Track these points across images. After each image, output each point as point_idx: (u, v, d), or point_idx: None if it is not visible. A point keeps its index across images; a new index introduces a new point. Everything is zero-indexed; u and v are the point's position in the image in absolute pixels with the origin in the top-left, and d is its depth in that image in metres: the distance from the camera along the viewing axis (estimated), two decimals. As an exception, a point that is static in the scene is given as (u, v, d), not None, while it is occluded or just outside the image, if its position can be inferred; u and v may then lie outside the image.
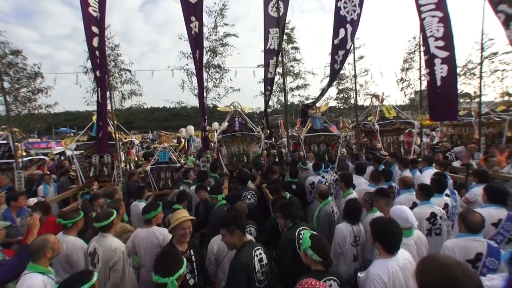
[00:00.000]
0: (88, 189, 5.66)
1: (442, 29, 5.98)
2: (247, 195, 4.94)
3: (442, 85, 5.95)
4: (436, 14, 6.04)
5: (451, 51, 5.95)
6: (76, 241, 3.22)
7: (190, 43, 7.36)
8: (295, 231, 3.02)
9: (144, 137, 25.69)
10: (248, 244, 2.63)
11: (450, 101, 6.12)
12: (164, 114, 66.33)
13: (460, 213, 2.86)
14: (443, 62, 5.95)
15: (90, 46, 5.96)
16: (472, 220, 2.63)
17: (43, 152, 13.22)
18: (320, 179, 5.38)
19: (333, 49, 7.56)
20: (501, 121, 9.36)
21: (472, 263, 2.54)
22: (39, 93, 12.10)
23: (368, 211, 3.68)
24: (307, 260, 2.39)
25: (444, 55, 5.94)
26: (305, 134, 8.22)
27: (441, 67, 5.95)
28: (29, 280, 2.34)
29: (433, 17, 6.06)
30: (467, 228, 2.64)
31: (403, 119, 8.48)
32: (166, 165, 7.66)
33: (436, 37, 6.00)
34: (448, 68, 5.94)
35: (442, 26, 5.98)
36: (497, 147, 7.54)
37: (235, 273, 2.42)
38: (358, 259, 3.32)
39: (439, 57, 5.95)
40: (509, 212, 3.18)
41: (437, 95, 6.10)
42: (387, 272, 2.16)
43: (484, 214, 2.80)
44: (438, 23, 6.02)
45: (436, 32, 6.02)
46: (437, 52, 5.96)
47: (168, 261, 2.17)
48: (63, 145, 8.23)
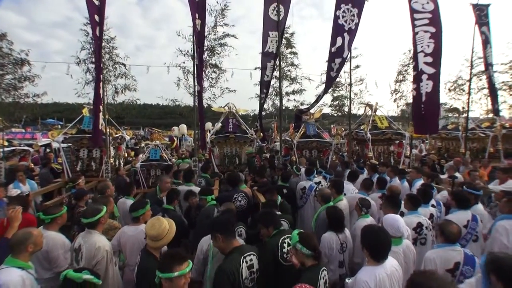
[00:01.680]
0: (74, 184, 5.51)
1: (432, 45, 6.07)
2: (238, 197, 4.90)
3: (426, 100, 6.07)
4: (429, 29, 6.13)
5: (437, 68, 6.06)
6: (56, 236, 3.10)
7: (197, 38, 7.34)
8: (279, 240, 2.96)
9: (136, 134, 25.34)
10: (238, 249, 2.55)
11: (432, 116, 6.27)
12: (156, 111, 65.48)
13: (438, 224, 3.02)
14: (429, 78, 6.06)
15: (94, 36, 5.86)
16: (450, 231, 2.75)
17: (28, 143, 12.88)
18: (312, 185, 5.39)
19: (330, 56, 7.62)
20: (485, 136, 9.68)
21: (451, 272, 2.67)
22: (25, 81, 11.75)
23: (359, 216, 3.72)
24: (299, 257, 2.44)
25: (431, 71, 6.05)
26: (298, 139, 8.26)
27: (427, 83, 6.07)
28: (6, 276, 2.23)
29: (425, 32, 6.15)
30: (446, 239, 2.75)
31: (395, 130, 8.62)
32: (157, 162, 7.55)
33: (425, 52, 6.10)
34: (433, 84, 6.06)
35: (433, 42, 6.08)
36: (480, 161, 7.76)
37: (219, 281, 2.38)
38: (344, 265, 3.34)
39: (426, 72, 6.06)
40: (473, 214, 3.69)
41: (421, 109, 6.22)
42: (374, 279, 2.21)
43: (455, 218, 3.23)
44: (429, 39, 6.12)
45: (426, 47, 6.11)
46: (424, 67, 6.06)
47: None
48: (50, 137, 7.99)
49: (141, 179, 7.13)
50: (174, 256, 2.06)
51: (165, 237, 2.65)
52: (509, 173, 5.44)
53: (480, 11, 7.93)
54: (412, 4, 6.26)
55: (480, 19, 7.77)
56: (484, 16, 7.94)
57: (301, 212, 5.38)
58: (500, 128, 9.67)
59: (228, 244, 2.55)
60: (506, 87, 14.05)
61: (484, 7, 8.01)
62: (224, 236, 2.53)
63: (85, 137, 7.10)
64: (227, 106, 8.76)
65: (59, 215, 3.17)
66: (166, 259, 2.09)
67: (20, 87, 11.72)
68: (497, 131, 9.59)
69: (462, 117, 11.85)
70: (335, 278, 3.26)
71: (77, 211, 4.07)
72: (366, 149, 8.54)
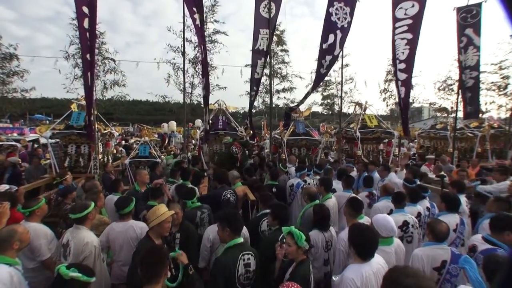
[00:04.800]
0: (61, 179, 5.43)
1: (407, 51, 6.15)
2: (227, 194, 4.90)
3: (403, 105, 6.19)
4: (406, 36, 6.17)
5: (409, 74, 6.17)
6: (38, 227, 3.13)
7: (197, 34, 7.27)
8: (279, 235, 3.06)
9: (125, 130, 25.06)
10: (238, 246, 2.67)
11: (406, 120, 6.40)
12: (146, 108, 64.82)
13: (428, 223, 3.02)
14: (402, 85, 6.16)
15: (80, 28, 5.76)
16: (440, 230, 2.77)
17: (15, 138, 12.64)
18: (299, 182, 5.43)
19: (321, 53, 7.62)
20: (473, 136, 9.85)
21: (438, 270, 2.70)
22: (14, 75, 11.54)
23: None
24: (293, 251, 2.53)
25: (403, 77, 6.15)
26: (288, 137, 8.29)
27: (401, 89, 6.17)
28: None
29: (402, 40, 6.21)
30: (435, 237, 2.78)
31: (384, 129, 8.72)
32: (146, 159, 7.49)
33: (400, 59, 6.18)
34: (405, 90, 6.16)
35: (408, 48, 6.14)
36: (468, 161, 7.93)
37: (215, 271, 2.55)
38: (329, 263, 3.37)
39: (399, 79, 6.15)
40: (461, 217, 3.68)
41: (402, 114, 6.38)
42: (361, 277, 2.23)
43: (445, 221, 3.05)
44: (405, 45, 6.19)
45: (401, 54, 6.19)
46: (399, 74, 6.16)
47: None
48: (38, 133, 7.85)
49: (129, 175, 7.07)
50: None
51: (156, 218, 2.83)
52: (505, 174, 5.50)
53: (468, 12, 7.95)
54: (396, 12, 6.29)
55: (465, 21, 7.82)
56: (471, 16, 7.97)
57: (289, 209, 5.42)
58: (488, 128, 9.86)
59: (231, 238, 2.68)
60: (495, 87, 14.20)
61: (474, 7, 7.99)
62: (231, 230, 2.67)
63: (73, 133, 7.01)
64: (217, 103, 8.74)
65: (37, 207, 3.22)
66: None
67: (9, 82, 11.52)
68: (485, 131, 9.77)
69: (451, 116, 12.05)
70: (320, 276, 3.30)
71: (64, 208, 4.03)
72: (356, 147, 8.64)
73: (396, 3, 6.28)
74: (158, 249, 2.34)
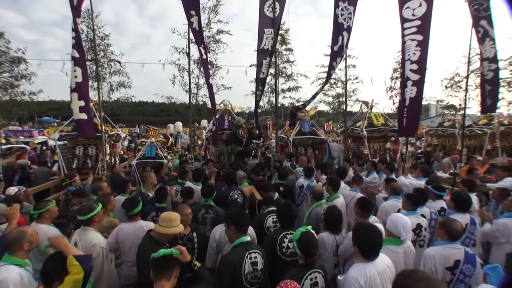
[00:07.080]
0: (70, 180, 5.50)
1: (418, 53, 6.05)
2: (234, 195, 4.90)
3: (409, 104, 6.11)
4: (416, 37, 6.07)
5: (422, 74, 6.07)
6: (48, 229, 3.16)
7: (195, 37, 7.32)
8: (280, 234, 3.07)
9: (131, 131, 25.23)
10: (245, 244, 2.67)
11: (413, 120, 6.33)
12: (151, 109, 65.36)
13: (441, 222, 2.93)
14: (414, 84, 6.07)
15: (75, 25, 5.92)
16: (455, 228, 2.71)
17: (24, 141, 12.85)
18: (310, 183, 5.36)
19: (332, 55, 7.55)
20: (482, 134, 9.68)
21: (451, 270, 2.63)
22: (22, 79, 11.71)
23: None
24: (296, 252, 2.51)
25: (416, 78, 6.06)
26: (294, 136, 8.26)
27: (411, 89, 6.09)
28: (6, 272, 2.26)
29: (412, 41, 6.11)
30: (450, 236, 2.70)
31: (391, 127, 8.63)
32: (152, 160, 7.53)
33: (412, 60, 6.09)
34: (417, 90, 6.08)
35: (419, 50, 6.05)
36: (477, 160, 7.78)
37: (221, 269, 2.57)
38: (338, 266, 3.32)
39: (411, 79, 6.09)
40: (471, 216, 3.56)
41: (404, 113, 6.28)
42: (365, 276, 2.22)
43: None
44: (416, 47, 6.09)
45: (412, 55, 6.10)
46: (410, 74, 6.08)
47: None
48: (46, 135, 7.97)
49: (136, 176, 7.11)
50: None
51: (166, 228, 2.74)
52: (508, 171, 5.42)
53: (480, 5, 7.78)
54: (403, 12, 6.22)
55: (478, 13, 7.63)
56: (483, 9, 7.80)
57: (299, 210, 5.36)
58: (498, 125, 9.67)
59: (237, 237, 2.69)
60: (504, 83, 13.82)
61: (484, 0, 7.84)
62: (237, 228, 2.69)
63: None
64: (222, 104, 8.75)
65: (46, 209, 3.26)
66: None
67: (17, 85, 11.70)
68: (495, 128, 9.59)
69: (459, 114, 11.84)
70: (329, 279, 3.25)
71: (72, 209, 4.07)
72: (362, 146, 8.57)
73: (402, 2, 6.20)
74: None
